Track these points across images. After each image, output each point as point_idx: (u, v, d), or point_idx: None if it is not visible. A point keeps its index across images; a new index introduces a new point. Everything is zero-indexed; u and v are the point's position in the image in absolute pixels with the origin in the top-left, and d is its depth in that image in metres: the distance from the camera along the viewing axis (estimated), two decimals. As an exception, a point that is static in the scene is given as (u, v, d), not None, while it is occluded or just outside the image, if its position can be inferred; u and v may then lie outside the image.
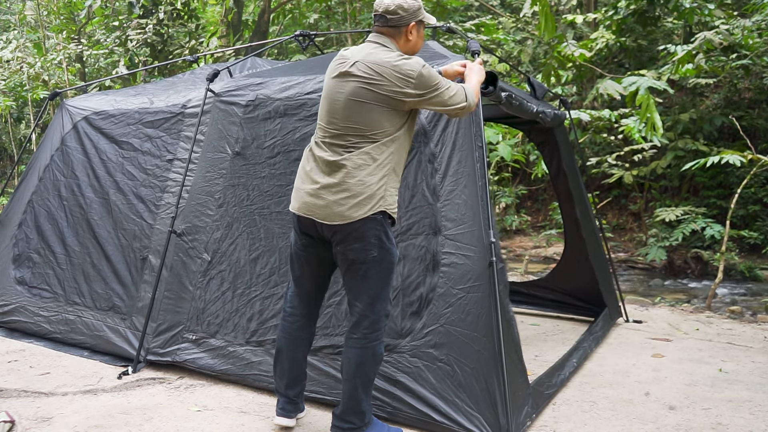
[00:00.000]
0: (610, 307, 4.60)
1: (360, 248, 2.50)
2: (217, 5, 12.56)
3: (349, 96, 2.50)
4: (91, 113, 4.36)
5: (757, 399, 3.30)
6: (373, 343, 2.56)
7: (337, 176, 2.49)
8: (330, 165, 2.51)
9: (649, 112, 6.78)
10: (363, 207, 2.46)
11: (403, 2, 2.58)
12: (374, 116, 2.48)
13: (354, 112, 2.49)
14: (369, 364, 2.57)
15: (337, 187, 2.48)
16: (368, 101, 2.47)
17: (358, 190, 2.46)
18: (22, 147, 4.97)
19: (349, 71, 2.52)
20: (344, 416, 2.61)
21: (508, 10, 14.01)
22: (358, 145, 2.49)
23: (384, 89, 2.45)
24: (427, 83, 2.47)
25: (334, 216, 2.48)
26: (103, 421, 2.93)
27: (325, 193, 2.50)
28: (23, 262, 4.31)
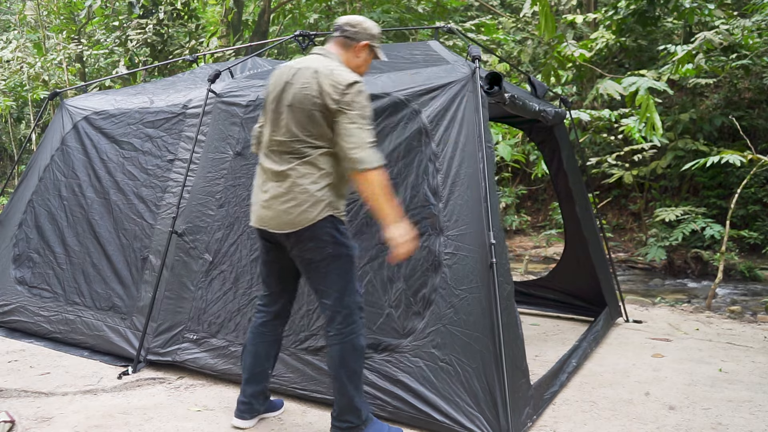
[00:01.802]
0: (610, 307, 4.60)
1: (315, 247, 2.54)
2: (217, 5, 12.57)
3: (290, 104, 2.55)
4: (91, 113, 4.36)
5: (757, 399, 3.30)
6: (351, 337, 2.59)
7: (284, 186, 2.55)
8: (277, 175, 2.58)
9: (649, 112, 6.78)
10: (310, 213, 2.51)
11: (365, 21, 2.70)
12: (314, 124, 2.51)
13: (295, 121, 2.53)
14: (351, 357, 2.58)
15: (284, 197, 2.54)
16: (307, 107, 2.50)
17: (303, 198, 2.51)
18: (22, 147, 4.96)
19: (290, 81, 2.57)
20: (341, 416, 2.62)
21: (508, 10, 14.01)
22: (302, 154, 2.53)
23: (318, 95, 2.48)
24: (354, 98, 2.46)
25: (284, 225, 2.55)
26: (103, 421, 2.93)
27: (274, 204, 2.56)
28: (23, 262, 4.31)
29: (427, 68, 3.23)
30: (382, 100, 3.17)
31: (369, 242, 3.09)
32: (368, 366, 2.96)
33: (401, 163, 3.09)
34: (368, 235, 3.10)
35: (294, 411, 3.04)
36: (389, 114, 3.15)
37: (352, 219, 3.14)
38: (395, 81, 3.22)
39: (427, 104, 3.08)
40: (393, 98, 3.15)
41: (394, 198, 2.51)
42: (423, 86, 3.12)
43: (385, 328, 2.98)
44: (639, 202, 10.67)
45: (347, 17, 2.72)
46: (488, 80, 3.04)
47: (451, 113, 3.03)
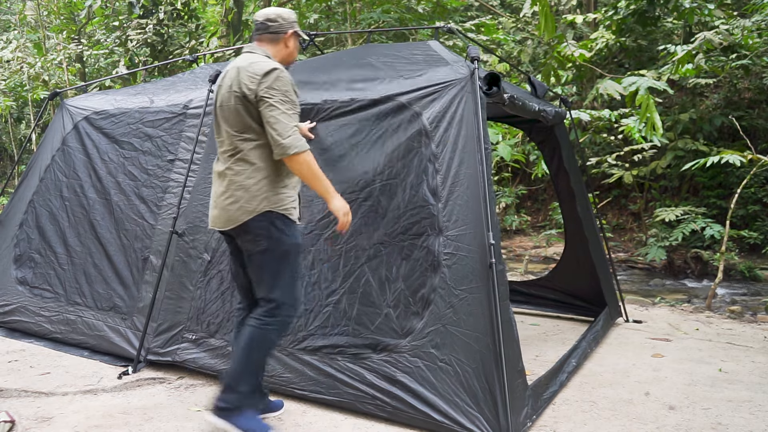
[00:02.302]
0: (610, 307, 4.61)
1: (251, 240, 2.66)
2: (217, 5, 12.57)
3: (221, 104, 2.69)
4: (91, 113, 4.36)
5: (757, 399, 3.30)
6: (267, 327, 2.67)
7: (223, 184, 2.68)
8: (219, 175, 2.72)
9: (649, 112, 6.78)
10: (246, 209, 2.62)
11: (282, 11, 2.78)
12: (240, 119, 2.62)
13: (225, 119, 2.67)
14: (257, 346, 2.66)
15: (224, 195, 2.68)
16: (232, 104, 2.62)
17: (239, 194, 2.63)
18: (22, 147, 4.96)
19: (221, 83, 2.70)
20: (223, 394, 2.68)
21: (508, 10, 14.01)
22: (235, 151, 2.65)
23: (238, 89, 2.59)
24: (272, 84, 2.55)
25: (226, 222, 2.68)
26: (103, 421, 2.94)
27: (219, 203, 2.70)
28: (25, 262, 4.31)
29: (427, 69, 3.24)
30: (383, 105, 3.18)
31: (367, 241, 3.09)
32: (367, 366, 2.96)
33: (400, 163, 3.09)
34: (366, 234, 3.10)
35: (294, 411, 3.04)
36: (390, 117, 3.16)
37: (351, 219, 3.14)
38: (396, 84, 3.22)
39: (427, 106, 3.09)
40: (394, 102, 3.16)
41: (324, 176, 2.66)
42: (423, 88, 3.13)
43: (384, 328, 2.98)
44: (639, 202, 10.67)
45: (264, 12, 2.78)
46: (487, 81, 3.04)
47: (450, 114, 3.04)
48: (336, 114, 3.30)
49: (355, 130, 3.23)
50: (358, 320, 3.05)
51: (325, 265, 3.18)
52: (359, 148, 3.20)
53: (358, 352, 3.01)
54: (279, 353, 3.20)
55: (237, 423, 2.66)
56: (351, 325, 3.06)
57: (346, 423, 2.92)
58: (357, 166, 3.18)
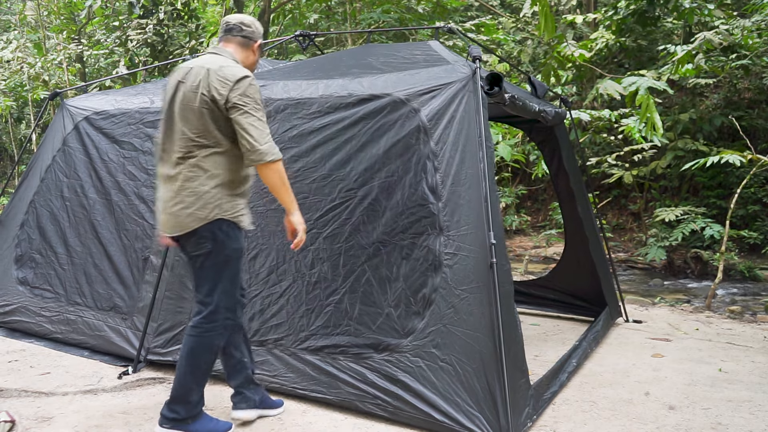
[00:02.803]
0: (610, 307, 4.61)
1: (195, 242, 2.63)
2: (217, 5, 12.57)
3: (181, 102, 2.62)
4: (92, 113, 4.36)
5: (756, 399, 3.30)
6: (209, 334, 2.67)
7: (173, 189, 2.63)
8: (168, 179, 2.66)
9: (649, 112, 6.78)
10: (198, 216, 2.59)
11: (256, 22, 2.81)
12: (202, 123, 2.57)
13: (184, 119, 2.60)
14: (202, 353, 2.67)
15: (173, 201, 2.63)
16: (196, 106, 2.57)
17: (190, 201, 2.59)
18: (23, 147, 4.97)
19: (183, 80, 2.64)
20: (172, 404, 2.70)
21: (508, 10, 14.01)
22: (189, 155, 2.60)
23: (207, 92, 2.54)
24: (245, 91, 2.54)
25: (176, 227, 2.64)
26: (103, 421, 2.94)
27: (168, 208, 2.66)
28: (25, 262, 4.32)
29: (428, 68, 3.23)
30: (381, 100, 3.17)
31: (367, 240, 3.09)
32: (368, 366, 2.96)
33: (399, 161, 3.08)
34: (365, 233, 3.10)
35: (294, 411, 3.04)
36: (388, 112, 3.15)
37: (348, 217, 3.14)
38: (395, 81, 3.22)
39: (426, 103, 3.09)
40: (393, 97, 3.15)
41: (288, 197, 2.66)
42: (423, 86, 3.12)
43: (385, 327, 2.98)
44: (639, 202, 10.67)
45: (240, 16, 2.78)
46: (488, 81, 3.04)
47: (450, 112, 3.04)
48: (333, 108, 3.29)
49: (350, 123, 3.22)
50: (360, 320, 3.05)
51: (326, 265, 3.18)
52: (355, 143, 3.19)
53: (360, 352, 3.01)
54: (281, 353, 3.21)
55: (192, 430, 2.70)
56: (352, 324, 3.06)
57: (346, 423, 2.92)
58: (354, 162, 3.18)
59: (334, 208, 3.20)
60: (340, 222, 3.17)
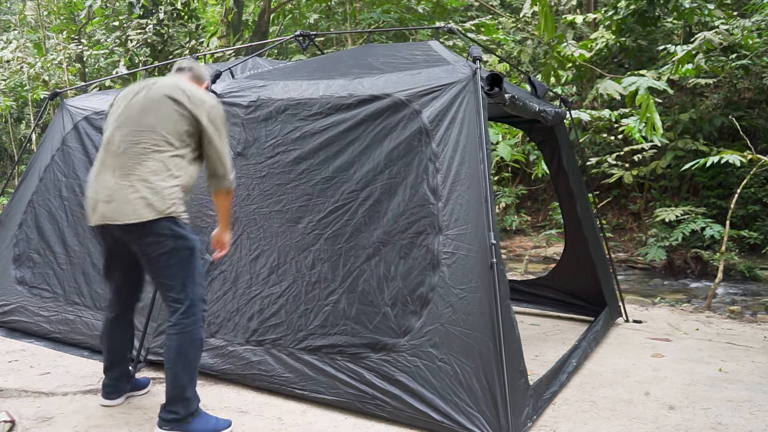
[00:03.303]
0: (610, 307, 4.61)
1: (153, 241, 2.65)
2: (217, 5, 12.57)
3: (148, 105, 2.69)
4: (91, 113, 4.35)
5: (756, 399, 3.30)
6: (191, 328, 2.71)
7: (128, 179, 2.63)
8: (120, 168, 2.66)
9: (649, 112, 6.78)
10: (157, 208, 2.61)
11: (204, 68, 3.12)
12: (173, 125, 2.67)
13: (157, 116, 2.67)
14: (189, 348, 2.71)
15: (128, 189, 2.63)
16: (169, 109, 2.67)
17: (148, 193, 2.62)
18: (22, 147, 4.96)
19: (152, 87, 2.74)
20: (169, 406, 2.72)
21: (508, 10, 14.01)
22: (153, 149, 2.65)
23: (180, 102, 2.68)
24: (217, 119, 2.74)
25: (129, 216, 2.61)
26: (103, 421, 2.94)
27: (120, 196, 2.63)
28: (24, 262, 4.31)
29: (428, 68, 3.23)
30: (382, 101, 3.17)
31: (367, 240, 3.09)
32: (366, 365, 2.96)
33: (401, 162, 3.09)
34: (366, 233, 3.10)
35: (294, 411, 3.04)
36: (389, 114, 3.15)
37: (350, 218, 3.15)
38: (396, 81, 3.22)
39: (427, 104, 3.08)
40: (393, 98, 3.15)
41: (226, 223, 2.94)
42: (424, 86, 3.12)
43: (382, 327, 2.98)
44: (639, 202, 10.67)
45: (189, 61, 3.06)
46: (489, 81, 3.04)
47: (451, 114, 3.04)
48: (334, 109, 3.29)
49: (353, 125, 3.22)
50: (357, 319, 3.05)
51: (326, 265, 3.18)
52: (358, 145, 3.20)
53: (357, 352, 3.01)
54: (279, 353, 3.21)
55: (192, 429, 2.73)
56: (350, 324, 3.06)
57: (346, 423, 2.92)
58: (357, 165, 3.18)
59: (337, 209, 3.20)
60: (342, 223, 3.17)
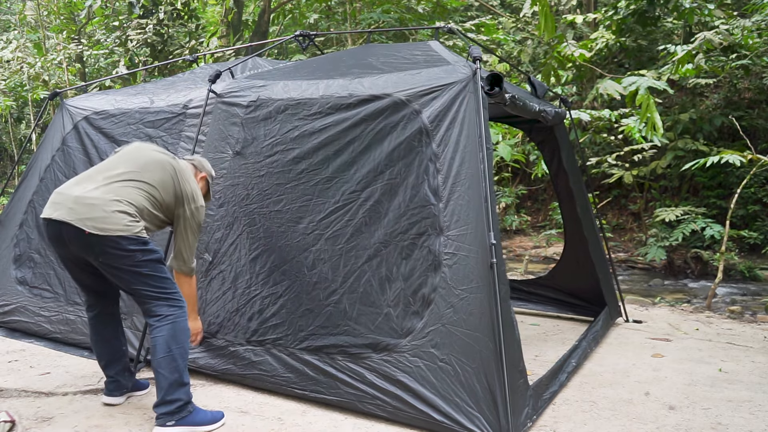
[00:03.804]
0: (610, 307, 4.61)
1: (120, 255, 2.70)
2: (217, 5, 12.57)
3: (153, 161, 2.91)
4: (91, 113, 4.35)
5: (757, 399, 3.30)
6: (181, 318, 2.81)
7: (111, 190, 2.76)
8: (107, 179, 2.80)
9: (649, 112, 6.78)
10: (131, 229, 2.70)
11: (205, 163, 3.28)
12: (165, 186, 2.88)
13: (154, 170, 2.87)
14: (182, 335, 2.79)
15: (110, 201, 2.73)
16: (167, 175, 2.89)
17: (129, 210, 2.74)
18: (22, 147, 4.96)
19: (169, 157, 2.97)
20: (170, 395, 2.73)
21: (508, 10, 14.01)
22: (143, 184, 2.83)
23: (178, 184, 2.91)
24: (200, 212, 2.96)
25: (98, 227, 2.66)
26: (103, 421, 2.94)
27: (99, 203, 2.71)
28: (24, 262, 4.31)
29: (428, 68, 3.23)
30: (382, 101, 3.17)
31: (368, 241, 3.09)
32: (367, 366, 2.96)
33: (401, 163, 3.08)
34: (367, 234, 3.10)
35: (294, 411, 3.04)
36: (389, 114, 3.15)
37: (351, 219, 3.15)
38: (396, 81, 3.22)
39: (428, 104, 3.08)
40: (393, 98, 3.15)
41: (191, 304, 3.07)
42: (424, 86, 3.12)
43: (384, 327, 2.98)
44: (639, 202, 10.67)
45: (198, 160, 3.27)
46: (489, 81, 3.04)
47: (452, 114, 3.03)
48: (334, 109, 3.29)
49: (352, 124, 3.22)
50: (358, 320, 3.05)
51: (326, 265, 3.18)
52: (358, 144, 3.19)
53: (359, 352, 3.01)
54: (279, 353, 3.21)
55: (193, 421, 2.77)
56: (351, 324, 3.06)
57: (346, 423, 2.92)
58: (357, 165, 3.18)
59: (337, 210, 3.20)
60: (343, 223, 3.17)
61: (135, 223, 2.71)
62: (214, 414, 2.88)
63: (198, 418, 2.79)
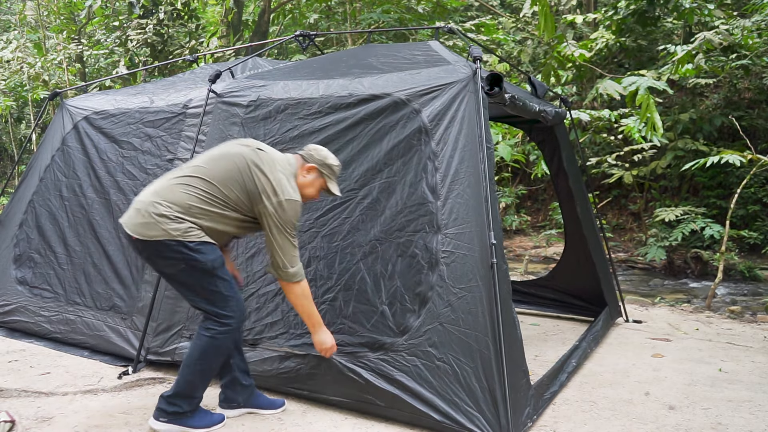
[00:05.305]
0: (610, 307, 4.60)
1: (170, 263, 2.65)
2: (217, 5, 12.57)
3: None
4: (91, 113, 4.35)
5: (757, 399, 3.30)
6: (221, 336, 2.70)
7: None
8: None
9: (649, 112, 6.78)
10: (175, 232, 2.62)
11: (318, 151, 2.86)
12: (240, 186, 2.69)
13: (219, 164, 2.70)
14: (213, 356, 2.72)
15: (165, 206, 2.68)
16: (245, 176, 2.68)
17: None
18: (22, 147, 4.97)
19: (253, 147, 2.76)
20: (174, 399, 2.72)
21: (508, 10, 14.01)
22: (186, 183, 2.68)
23: (250, 177, 2.66)
24: (286, 218, 2.64)
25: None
26: (103, 421, 2.94)
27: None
28: (24, 262, 4.31)
29: (428, 68, 3.23)
30: (382, 100, 3.17)
31: (364, 238, 3.09)
32: (363, 365, 2.95)
33: (400, 161, 3.09)
34: (363, 231, 3.10)
35: (294, 411, 3.04)
36: (389, 113, 3.15)
37: (348, 216, 3.15)
38: (396, 81, 3.22)
39: (427, 104, 3.09)
40: (393, 98, 3.15)
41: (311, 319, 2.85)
42: (424, 86, 3.12)
43: (379, 326, 2.97)
44: (639, 202, 10.67)
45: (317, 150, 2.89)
46: (489, 81, 3.04)
47: (451, 113, 3.03)
48: (334, 108, 3.29)
49: (352, 124, 3.22)
50: (354, 318, 3.04)
51: (321, 263, 3.18)
52: (357, 143, 3.20)
53: (355, 351, 3.00)
54: (275, 351, 3.20)
55: (191, 424, 2.76)
56: (347, 323, 3.05)
57: (346, 423, 2.92)
58: (356, 164, 3.19)
59: (334, 207, 3.20)
60: (339, 221, 3.17)
61: (178, 225, 2.58)
62: (214, 417, 2.85)
63: (194, 422, 2.77)
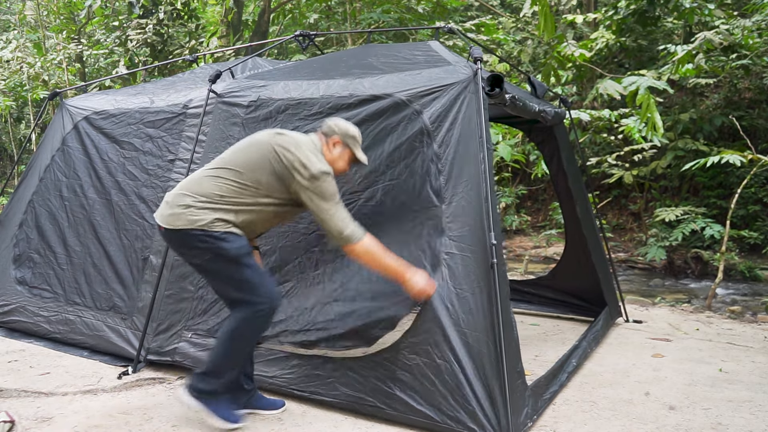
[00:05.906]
0: (610, 307, 4.60)
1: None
2: (217, 5, 12.57)
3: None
4: (91, 113, 4.35)
5: (757, 399, 3.30)
6: (253, 317, 2.68)
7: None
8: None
9: (650, 112, 6.78)
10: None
11: (338, 123, 2.88)
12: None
13: (243, 152, 2.74)
14: (243, 335, 2.69)
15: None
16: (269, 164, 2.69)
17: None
18: (22, 147, 4.96)
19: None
20: (203, 376, 2.73)
21: (508, 10, 14.01)
22: (212, 173, 2.72)
23: (276, 159, 2.67)
24: (323, 188, 2.63)
25: None
26: (103, 421, 2.94)
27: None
28: (24, 262, 4.31)
29: (429, 69, 3.23)
30: (383, 101, 3.17)
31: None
32: (365, 365, 2.95)
33: (402, 163, 3.08)
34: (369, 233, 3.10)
35: (294, 411, 3.04)
36: (390, 114, 3.15)
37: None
38: (396, 81, 3.22)
39: (428, 105, 3.08)
40: (394, 99, 3.15)
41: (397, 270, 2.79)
42: (424, 87, 3.12)
43: (380, 325, 2.97)
44: (639, 202, 10.67)
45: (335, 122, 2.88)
46: (489, 82, 3.04)
47: (452, 114, 3.03)
48: (334, 109, 3.29)
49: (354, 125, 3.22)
50: (357, 319, 3.04)
51: (326, 265, 3.18)
52: None
53: (357, 351, 3.00)
54: (278, 352, 3.20)
55: (212, 408, 2.75)
56: (350, 324, 3.05)
57: (346, 423, 2.91)
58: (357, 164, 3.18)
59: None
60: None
61: (203, 216, 2.60)
62: (235, 416, 2.82)
63: (218, 410, 2.76)
